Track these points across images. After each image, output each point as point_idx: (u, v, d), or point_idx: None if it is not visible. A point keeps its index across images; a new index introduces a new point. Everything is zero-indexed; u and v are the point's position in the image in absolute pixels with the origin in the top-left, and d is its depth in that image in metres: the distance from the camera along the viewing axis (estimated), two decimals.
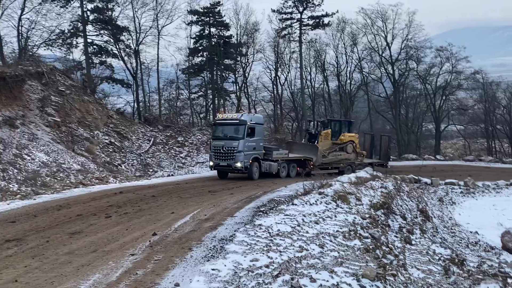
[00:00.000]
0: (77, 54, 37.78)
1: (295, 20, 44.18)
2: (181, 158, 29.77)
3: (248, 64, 44.17)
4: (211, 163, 21.93)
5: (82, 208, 12.97)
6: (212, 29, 41.58)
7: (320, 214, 10.63)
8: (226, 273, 6.51)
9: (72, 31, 35.14)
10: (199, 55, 42.56)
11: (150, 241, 8.63)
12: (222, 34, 42.12)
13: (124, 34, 37.20)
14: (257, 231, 8.77)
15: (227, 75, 44.40)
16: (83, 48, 35.08)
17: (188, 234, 9.14)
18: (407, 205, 15.82)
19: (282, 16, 44.12)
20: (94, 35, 36.62)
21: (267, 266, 6.88)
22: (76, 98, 27.59)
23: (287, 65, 45.92)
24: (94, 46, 36.58)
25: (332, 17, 43.74)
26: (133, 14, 36.72)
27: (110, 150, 26.87)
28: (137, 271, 6.79)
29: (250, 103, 45.50)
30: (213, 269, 6.62)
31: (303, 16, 43.69)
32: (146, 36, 37.73)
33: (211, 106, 41.36)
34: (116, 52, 37.19)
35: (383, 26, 45.48)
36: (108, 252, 7.98)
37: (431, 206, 18.21)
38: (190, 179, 22.04)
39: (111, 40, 37.01)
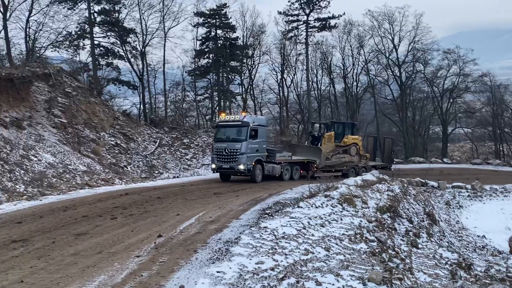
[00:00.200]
0: (84, 55, 38.13)
1: (301, 22, 44.24)
2: (187, 160, 29.81)
3: (254, 66, 44.32)
4: (213, 166, 21.70)
5: (88, 209, 13.00)
6: (218, 31, 41.75)
7: (326, 217, 10.56)
8: (231, 276, 6.48)
9: (79, 33, 35.44)
10: (205, 57, 42.72)
11: (155, 242, 8.62)
12: (228, 36, 42.26)
13: (130, 36, 37.48)
14: (262, 233, 8.73)
15: (233, 77, 44.53)
16: (90, 50, 35.38)
17: (193, 236, 9.12)
18: (414, 209, 15.70)
19: (289, 18, 44.22)
20: (101, 37, 36.98)
21: (272, 269, 6.85)
22: (82, 100, 27.74)
23: (293, 67, 46.04)
24: (101, 48, 36.85)
25: (338, 19, 43.82)
26: (140, 16, 37.05)
27: (116, 152, 26.97)
28: (142, 272, 6.78)
29: (256, 105, 45.56)
30: (218, 272, 6.60)
31: (309, 18, 43.79)
32: (153, 38, 38.08)
33: (217, 108, 41.44)
34: (123, 54, 37.49)
35: (390, 28, 45.50)
36: (114, 254, 7.98)
37: (438, 209, 18.07)
38: (196, 181, 22.04)
39: (118, 42, 37.27)
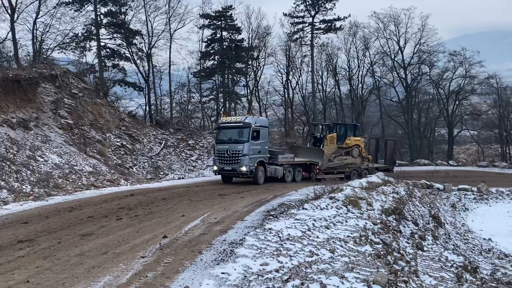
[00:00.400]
0: (90, 57, 38.43)
1: (307, 24, 44.26)
2: (192, 161, 29.88)
3: (259, 67, 44.37)
4: (215, 168, 21.49)
5: (94, 210, 13.06)
6: (224, 33, 41.86)
7: (330, 219, 10.55)
8: (236, 277, 6.48)
9: (85, 34, 35.66)
10: (210, 58, 42.84)
11: (160, 243, 8.64)
12: (233, 37, 42.36)
13: (136, 37, 37.66)
14: (267, 235, 8.73)
15: (238, 78, 44.61)
16: (96, 51, 35.56)
17: (198, 237, 9.14)
18: (419, 211, 15.64)
19: (294, 20, 44.25)
20: (107, 38, 37.20)
21: (277, 271, 6.84)
22: (88, 101, 27.90)
23: (298, 69, 46.05)
24: (107, 50, 37.06)
25: (344, 21, 43.79)
26: (146, 18, 37.22)
27: (122, 153, 27.09)
28: (147, 273, 6.80)
29: (261, 106, 45.59)
30: (222, 273, 6.60)
31: (315, 20, 43.80)
32: (159, 39, 38.25)
33: (222, 109, 41.52)
34: (129, 55, 37.68)
35: (395, 30, 45.37)
36: (119, 254, 8.01)
37: (443, 212, 18.01)
38: (201, 182, 22.09)
39: (124, 43, 37.47)
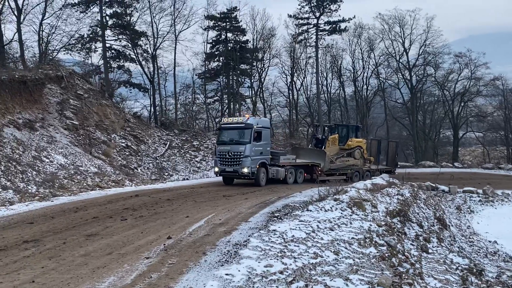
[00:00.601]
0: (96, 58, 38.59)
1: (311, 26, 44.24)
2: (196, 162, 29.93)
3: (264, 69, 44.41)
4: (216, 169, 21.16)
5: (99, 210, 13.12)
6: (229, 34, 41.91)
7: (335, 221, 10.54)
8: (240, 278, 6.49)
9: (91, 35, 35.83)
10: (215, 60, 42.91)
11: (164, 244, 8.66)
12: (238, 39, 42.40)
13: (142, 39, 37.79)
14: (271, 236, 8.74)
15: (243, 80, 44.64)
16: (102, 53, 35.74)
17: (202, 239, 9.15)
18: (424, 213, 15.58)
19: (299, 22, 44.24)
20: (113, 40, 37.36)
21: (281, 272, 6.85)
22: (94, 102, 28.04)
23: (303, 70, 46.06)
24: (113, 51, 37.21)
25: (349, 22, 43.72)
26: (151, 20, 37.36)
27: (127, 154, 27.18)
28: (151, 274, 6.82)
29: (265, 108, 45.62)
30: (227, 274, 6.62)
31: (319, 22, 43.74)
32: (164, 41, 38.34)
33: (227, 110, 41.56)
34: (134, 56, 37.81)
35: (400, 32, 45.27)
36: (123, 255, 8.03)
37: (448, 214, 17.92)
38: (205, 183, 22.11)
39: (129, 45, 37.60)
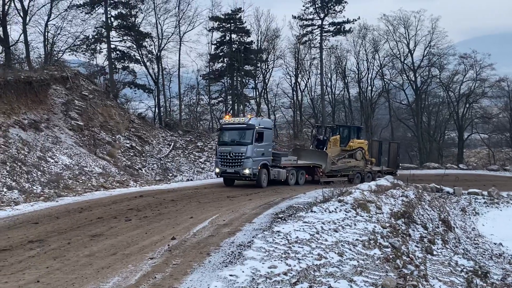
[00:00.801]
0: (101, 59, 38.63)
1: (316, 27, 44.25)
2: (201, 163, 29.95)
3: (268, 70, 44.43)
4: (217, 170, 21.04)
5: (103, 211, 13.16)
6: (233, 35, 41.95)
7: (339, 222, 10.52)
8: (244, 280, 6.49)
9: (96, 37, 35.96)
10: (219, 61, 42.95)
11: (169, 245, 8.68)
12: (242, 40, 42.44)
13: (146, 40, 37.86)
14: (275, 237, 8.73)
15: (247, 81, 44.65)
16: (107, 54, 35.82)
17: (206, 239, 9.16)
18: (429, 215, 15.51)
19: (303, 23, 44.26)
20: (118, 41, 37.45)
21: (285, 274, 6.84)
22: (99, 103, 28.14)
23: (307, 71, 46.03)
24: (117, 52, 37.33)
25: (353, 23, 43.69)
26: (156, 21, 37.43)
27: (131, 154, 27.25)
28: (155, 275, 6.83)
29: (269, 109, 45.62)
30: (231, 275, 6.62)
31: (324, 23, 43.74)
32: (168, 42, 38.41)
33: (231, 111, 41.59)
34: (139, 57, 37.88)
35: (405, 33, 45.16)
36: (128, 255, 8.05)
37: (453, 216, 17.83)
38: (209, 184, 22.13)
39: (134, 46, 37.70)
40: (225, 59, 42.26)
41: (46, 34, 30.98)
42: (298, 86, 45.22)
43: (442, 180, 23.83)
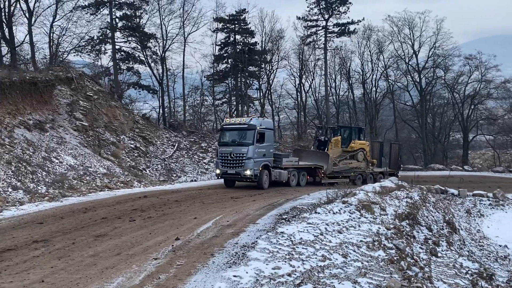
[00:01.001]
0: (105, 60, 38.75)
1: (320, 28, 44.21)
2: (204, 163, 29.97)
3: (272, 71, 44.41)
4: (218, 171, 20.72)
5: (107, 211, 13.19)
6: (237, 36, 42.01)
7: (343, 224, 10.50)
8: (248, 280, 6.49)
9: (101, 37, 36.06)
10: (224, 62, 42.99)
11: (173, 245, 8.68)
12: (247, 41, 42.48)
13: (151, 41, 37.94)
14: (279, 238, 8.72)
15: (251, 82, 44.69)
16: (111, 55, 35.92)
17: (210, 240, 9.16)
18: (433, 216, 15.45)
19: (308, 24, 44.25)
20: (122, 41, 37.53)
21: (289, 275, 6.83)
22: (103, 103, 28.24)
23: (311, 72, 46.01)
24: (122, 53, 37.41)
25: (358, 24, 43.63)
26: (160, 22, 37.53)
27: (135, 155, 27.31)
28: (159, 275, 6.84)
29: (273, 110, 45.63)
30: (234, 276, 6.62)
31: (328, 24, 43.71)
32: (173, 43, 38.48)
33: (235, 112, 41.62)
34: (143, 58, 37.98)
35: (410, 34, 45.00)
36: (132, 256, 8.07)
37: (458, 217, 17.76)
38: (213, 184, 22.12)
39: (139, 46, 37.79)
40: (229, 60, 42.30)
41: (51, 35, 31.13)
42: (302, 87, 45.24)
43: (447, 182, 23.75)
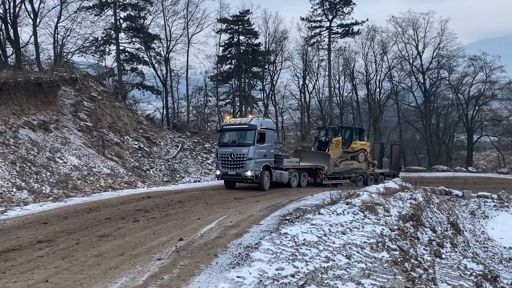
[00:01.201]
0: (110, 61, 38.97)
1: (324, 28, 44.21)
2: (208, 164, 30.00)
3: (276, 72, 44.47)
4: (218, 172, 20.48)
5: (111, 211, 13.23)
6: (241, 37, 42.03)
7: (347, 225, 10.48)
8: (251, 281, 6.48)
9: (105, 38, 36.18)
10: (227, 62, 43.05)
11: (176, 246, 8.69)
12: (250, 42, 42.52)
13: (155, 41, 38.03)
14: (282, 239, 8.71)
15: (254, 82, 44.72)
16: (115, 55, 36.04)
17: (213, 241, 9.16)
18: (437, 218, 15.39)
19: (311, 24, 44.25)
20: (126, 42, 37.63)
21: (292, 276, 6.82)
22: (107, 104, 28.31)
23: (315, 73, 46.02)
24: (126, 53, 37.51)
25: (362, 25, 43.62)
26: (164, 22, 37.62)
27: (139, 155, 27.36)
28: (163, 275, 6.84)
29: (277, 110, 45.64)
30: (238, 277, 6.61)
31: (332, 24, 43.71)
32: (177, 44, 38.53)
33: (238, 113, 41.65)
34: (147, 59, 38.05)
35: (414, 35, 44.93)
36: (136, 256, 8.08)
37: (462, 219, 17.68)
38: (216, 185, 22.13)
39: (143, 47, 37.87)
40: (233, 61, 42.34)
41: (56, 35, 31.30)
42: (306, 88, 45.25)
43: (451, 183, 23.65)
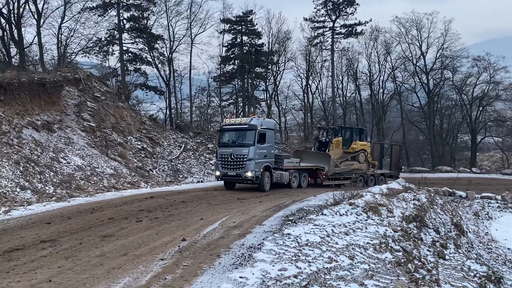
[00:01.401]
0: (113, 61, 39.05)
1: (327, 29, 44.18)
2: (211, 164, 30.02)
3: (279, 72, 44.45)
4: (218, 173, 20.20)
5: (114, 211, 13.24)
6: (244, 38, 42.08)
7: (350, 225, 10.45)
8: (254, 282, 6.47)
9: (108, 39, 36.31)
10: (230, 63, 43.10)
11: (179, 246, 8.69)
12: (254, 42, 42.56)
13: (158, 42, 38.13)
14: (285, 240, 8.70)
15: (258, 83, 44.73)
16: (119, 56, 36.16)
17: (216, 241, 9.16)
18: (441, 219, 15.35)
19: (314, 25, 44.24)
20: (130, 43, 37.79)
21: (295, 276, 6.81)
22: (111, 104, 28.39)
23: (318, 74, 46.00)
24: (129, 54, 37.64)
25: (365, 25, 43.57)
26: (168, 23, 37.70)
27: (142, 156, 27.41)
28: (166, 276, 6.84)
29: (280, 111, 45.63)
30: (241, 277, 6.61)
31: (335, 25, 43.70)
32: (180, 44, 38.66)
33: (241, 113, 41.69)
34: (150, 59, 38.18)
35: (417, 35, 44.81)
36: (138, 256, 8.08)
37: (466, 220, 17.62)
38: (219, 186, 22.10)
39: (146, 48, 37.99)
40: (236, 61, 42.38)
41: (60, 36, 31.43)
42: (309, 88, 45.21)
43: (455, 184, 23.58)
